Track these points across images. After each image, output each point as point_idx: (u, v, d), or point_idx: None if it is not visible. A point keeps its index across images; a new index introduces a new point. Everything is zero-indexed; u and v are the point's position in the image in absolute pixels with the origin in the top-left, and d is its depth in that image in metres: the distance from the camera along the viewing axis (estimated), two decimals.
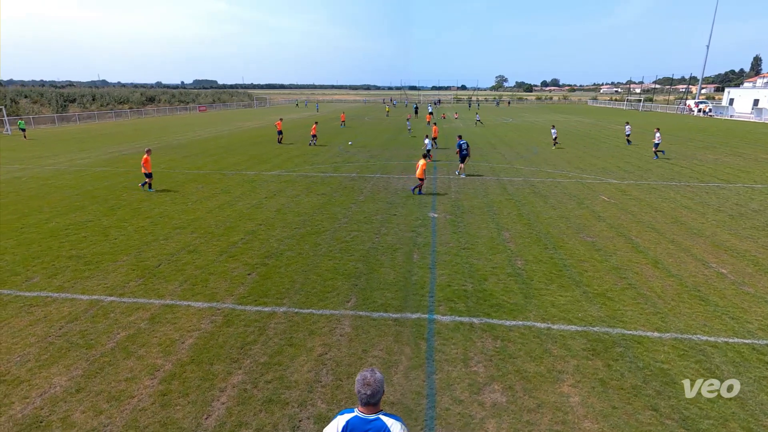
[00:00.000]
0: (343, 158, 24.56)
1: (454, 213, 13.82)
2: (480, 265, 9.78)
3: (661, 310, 7.91)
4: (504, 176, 19.66)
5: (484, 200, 15.42)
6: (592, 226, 12.61)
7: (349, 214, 13.67)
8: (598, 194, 16.27)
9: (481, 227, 12.42)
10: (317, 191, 16.62)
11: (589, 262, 10.00)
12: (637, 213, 13.88)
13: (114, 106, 66.30)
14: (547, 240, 11.42)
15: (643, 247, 10.95)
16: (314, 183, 18.08)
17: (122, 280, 9.07)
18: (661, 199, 15.53)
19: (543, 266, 9.73)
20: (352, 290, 8.56)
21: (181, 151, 27.43)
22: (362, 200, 15.33)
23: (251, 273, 9.36)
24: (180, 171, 20.86)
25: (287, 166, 22.14)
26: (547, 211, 14.14)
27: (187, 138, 35.23)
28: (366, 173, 20.20)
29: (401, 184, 17.82)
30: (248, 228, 12.32)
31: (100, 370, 6.33)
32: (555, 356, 6.61)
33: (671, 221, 13.04)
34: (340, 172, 20.37)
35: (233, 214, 13.71)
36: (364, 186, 17.55)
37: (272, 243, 11.14)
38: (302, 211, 13.91)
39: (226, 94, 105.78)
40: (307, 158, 24.51)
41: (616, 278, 9.15)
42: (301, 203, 14.92)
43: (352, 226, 12.41)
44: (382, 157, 24.90)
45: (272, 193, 16.33)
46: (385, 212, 13.82)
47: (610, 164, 22.71)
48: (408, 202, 15.11)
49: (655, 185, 17.78)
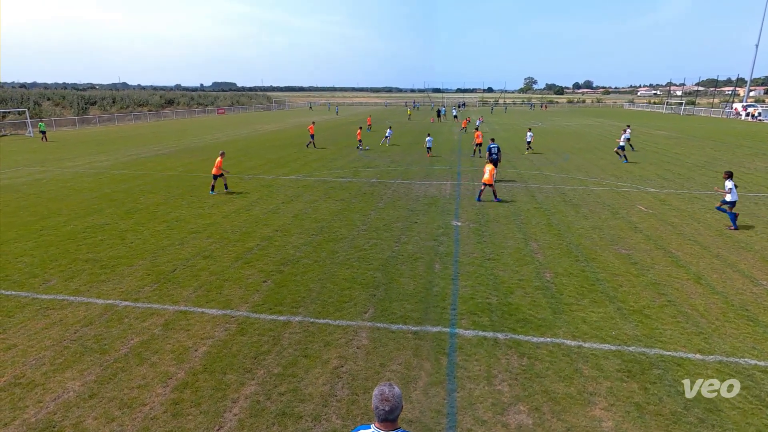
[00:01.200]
0: (363, 163, 24.69)
1: (478, 222, 13.70)
2: (506, 277, 9.65)
3: (704, 330, 7.61)
4: (532, 183, 19.39)
5: (511, 208, 15.23)
6: (627, 237, 12.28)
7: (368, 221, 13.70)
8: (635, 204, 15.86)
9: (508, 237, 12.26)
10: (335, 197, 16.74)
11: (624, 276, 9.74)
12: (677, 224, 13.46)
13: (133, 108, 68.68)
14: (578, 252, 11.18)
15: (685, 261, 10.59)
16: (332, 188, 18.22)
17: (137, 285, 9.31)
18: (704, 210, 15.02)
19: (574, 280, 9.53)
20: (370, 301, 8.55)
21: (199, 154, 28.12)
22: (382, 207, 15.35)
23: (266, 280, 9.46)
24: (197, 174, 21.37)
25: (305, 170, 22.41)
26: (578, 220, 13.86)
27: (205, 141, 36.11)
28: (386, 179, 20.25)
29: (423, 191, 17.79)
30: (264, 234, 12.48)
31: (113, 376, 6.49)
32: (586, 377, 6.44)
33: (715, 234, 12.58)
34: (360, 178, 20.47)
35: (249, 219, 13.93)
36: (384, 192, 17.59)
37: (288, 250, 11.25)
38: (320, 218, 14.02)
39: (244, 97, 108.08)
40: (326, 162, 24.75)
41: (654, 294, 8.87)
42: (319, 209, 15.05)
43: (371, 234, 12.43)
44: (403, 162, 24.93)
45: (289, 198, 16.53)
46: (405, 220, 13.81)
47: (647, 172, 22.13)
48: (430, 209, 15.07)
49: (698, 195, 17.21)
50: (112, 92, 78.47)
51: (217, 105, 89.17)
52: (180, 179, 20.23)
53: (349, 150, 30.15)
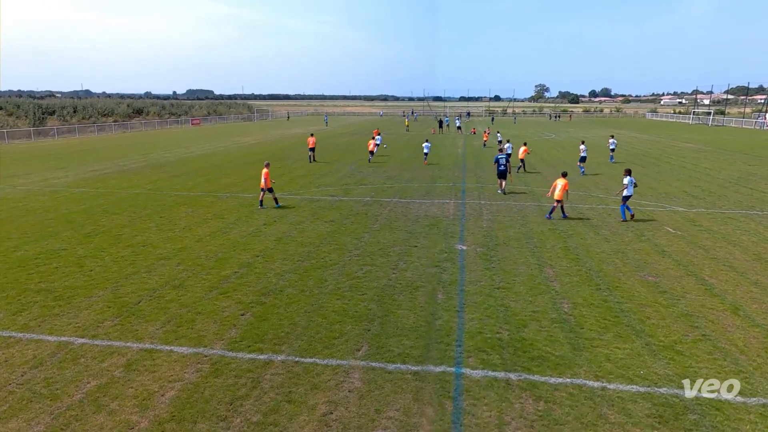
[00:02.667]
0: (355, 179, 24.82)
1: (486, 245, 13.71)
2: (518, 308, 9.61)
3: (744, 369, 7.57)
4: (546, 202, 19.52)
5: (523, 230, 15.29)
6: (654, 263, 12.31)
7: (361, 245, 13.70)
8: (662, 224, 15.96)
9: (519, 263, 12.26)
10: (324, 218, 16.76)
11: (652, 306, 9.72)
12: (710, 248, 13.53)
13: (97, 118, 69.07)
14: (599, 279, 11.18)
15: (720, 289, 10.61)
16: (321, 208, 18.26)
17: (96, 319, 9.18)
18: (740, 231, 15.14)
19: (595, 311, 9.49)
20: (364, 336, 8.49)
21: (170, 170, 28.18)
22: (377, 229, 15.37)
23: (245, 313, 9.38)
24: (167, 192, 21.36)
25: (290, 188, 22.47)
26: (599, 243, 13.91)
27: (177, 155, 36.26)
28: (382, 197, 20.33)
29: (423, 210, 17.85)
30: (243, 260, 12.44)
31: (65, 426, 6.33)
32: (612, 423, 6.35)
33: (753, 258, 12.64)
34: (352, 196, 20.54)
35: (226, 243, 13.89)
36: (380, 212, 17.63)
37: (271, 278, 11.19)
38: (306, 241, 14.01)
39: (223, 106, 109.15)
40: (313, 179, 24.86)
41: (687, 327, 8.84)
42: (306, 231, 15.04)
43: (364, 260, 12.41)
44: (400, 179, 25.09)
45: (272, 220, 16.53)
46: (403, 243, 13.81)
47: (674, 188, 22.37)
48: (431, 231, 15.09)
49: (732, 214, 17.38)
50: (74, 101, 79.05)
51: (192, 115, 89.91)
52: (148, 198, 20.21)
53: (340, 165, 30.34)
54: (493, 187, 22.50)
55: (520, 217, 16.90)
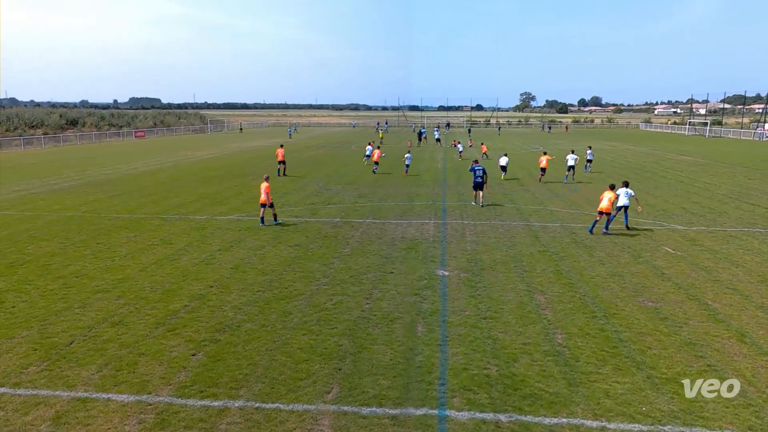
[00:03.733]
0: (323, 198, 24.79)
1: (470, 270, 13.81)
2: (507, 340, 9.66)
3: (754, 402, 7.75)
4: (535, 221, 19.85)
5: (510, 252, 15.47)
6: (654, 286, 12.61)
7: (330, 272, 13.63)
8: (660, 244, 16.41)
9: (507, 289, 12.37)
10: (288, 241, 16.65)
11: (652, 335, 9.91)
12: (712, 269, 13.95)
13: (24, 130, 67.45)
14: (595, 306, 11.36)
15: (724, 314, 10.91)
16: (284, 230, 18.12)
17: (19, 365, 8.83)
18: (742, 251, 15.67)
19: (591, 342, 9.62)
20: (334, 376, 8.39)
21: (109, 189, 27.63)
22: (348, 253, 15.34)
23: (197, 353, 9.19)
24: (106, 215, 20.91)
25: (249, 208, 22.27)
26: (593, 266, 14.18)
27: (118, 172, 35.62)
28: (353, 217, 20.34)
29: (400, 232, 17.91)
30: (195, 291, 12.23)
31: None
32: None
33: (758, 280, 13.08)
34: (319, 217, 20.48)
35: (175, 272, 13.63)
36: (351, 234, 17.62)
37: (226, 311, 11.01)
38: (268, 269, 13.87)
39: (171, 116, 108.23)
40: (276, 198, 24.71)
41: (691, 357, 9.04)
42: (267, 258, 14.90)
43: (334, 289, 12.34)
44: (374, 197, 25.18)
45: (228, 245, 16.33)
46: (378, 269, 13.80)
47: (672, 205, 23.08)
48: (409, 255, 15.13)
49: (734, 232, 18.01)
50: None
51: (136, 126, 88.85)
52: (83, 222, 19.72)
53: (306, 182, 30.30)
54: (477, 205, 22.78)
55: (507, 238, 17.12)
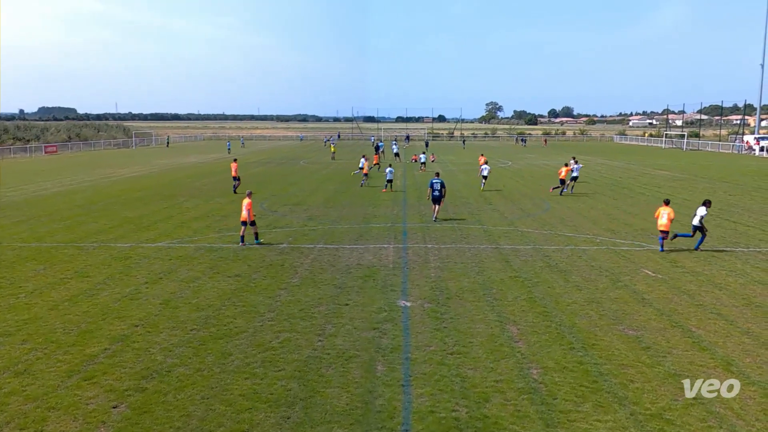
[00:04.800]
0: (267, 221, 24.54)
1: (435, 300, 13.87)
2: (477, 378, 9.69)
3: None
4: (505, 243, 20.19)
5: (479, 279, 15.64)
6: (634, 313, 12.97)
7: (276, 305, 13.46)
8: (640, 267, 16.95)
9: (477, 320, 12.47)
10: (227, 271, 16.37)
11: (634, 367, 10.15)
12: (694, 293, 14.47)
13: None
14: (572, 336, 11.57)
15: (708, 342, 11.30)
16: (223, 259, 17.83)
17: None
18: (725, 272, 16.36)
19: (570, 376, 9.76)
20: (282, 427, 8.24)
21: (13, 214, 26.55)
22: (297, 284, 15.19)
23: (118, 405, 8.88)
24: (8, 244, 20.05)
25: (181, 233, 21.81)
26: (569, 292, 14.48)
27: (25, 193, 34.32)
28: (302, 243, 20.19)
29: (355, 258, 17.87)
30: (116, 332, 11.85)
31: None
32: None
33: (742, 303, 13.65)
34: (264, 242, 20.25)
35: (93, 310, 13.19)
36: (300, 262, 17.47)
37: (155, 355, 10.69)
38: (204, 303, 13.59)
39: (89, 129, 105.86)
40: (213, 221, 24.32)
41: (676, 390, 9.29)
42: (203, 291, 14.60)
43: (281, 325, 12.19)
44: (325, 219, 25.10)
45: (156, 277, 15.91)
46: (331, 301, 13.71)
47: (651, 223, 23.88)
48: (366, 284, 15.09)
49: (716, 252, 18.79)
50: None
51: (46, 140, 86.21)
52: None
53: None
54: (441, 227, 23.03)
55: (475, 263, 17.32)
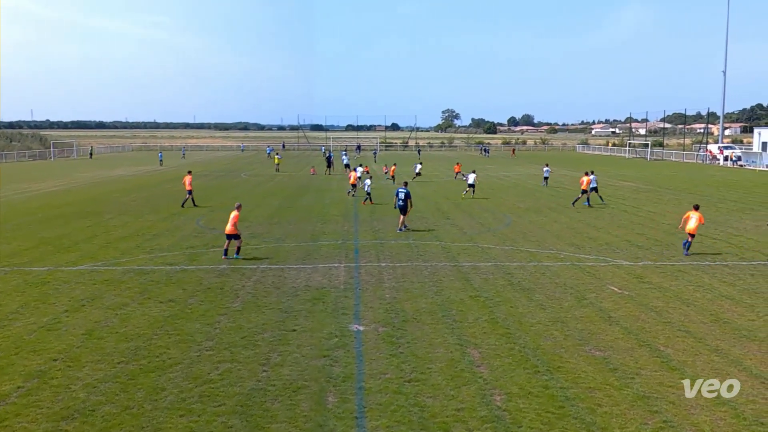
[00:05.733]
0: (204, 240, 24.14)
1: (390, 323, 13.88)
2: (437, 407, 9.72)
3: None
4: (464, 260, 20.41)
5: (437, 299, 15.74)
6: (601, 332, 13.28)
7: (215, 333, 13.26)
8: (605, 283, 17.40)
9: (435, 344, 12.53)
10: (160, 296, 16.02)
11: (602, 389, 10.38)
12: (662, 309, 14.95)
13: None
14: (537, 359, 11.75)
15: (677, 361, 11.67)
16: (155, 283, 17.44)
17: None
18: (692, 287, 16.97)
19: (534, 402, 9.89)
20: None
21: None
22: (238, 309, 14.98)
23: None
24: None
25: (107, 255, 21.22)
26: (533, 312, 14.72)
27: None
28: (244, 263, 19.96)
29: (303, 279, 17.74)
30: (32, 367, 11.43)
31: None
32: None
33: (711, 320, 14.17)
34: (200, 263, 19.92)
35: (4, 343, 12.73)
36: (242, 285, 17.25)
37: (76, 392, 10.35)
38: (133, 333, 13.27)
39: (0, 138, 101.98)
40: (143, 241, 23.77)
41: (645, 413, 9.53)
42: (132, 318, 14.25)
43: (221, 354, 12.00)
44: (270, 237, 24.88)
45: (78, 304, 15.43)
46: (277, 327, 13.58)
47: (616, 238, 24.66)
48: (315, 308, 14.99)
49: (682, 267, 19.49)
50: None
51: None
52: None
53: (182, 220, 29.39)
54: (396, 244, 23.15)
55: (433, 282, 17.44)
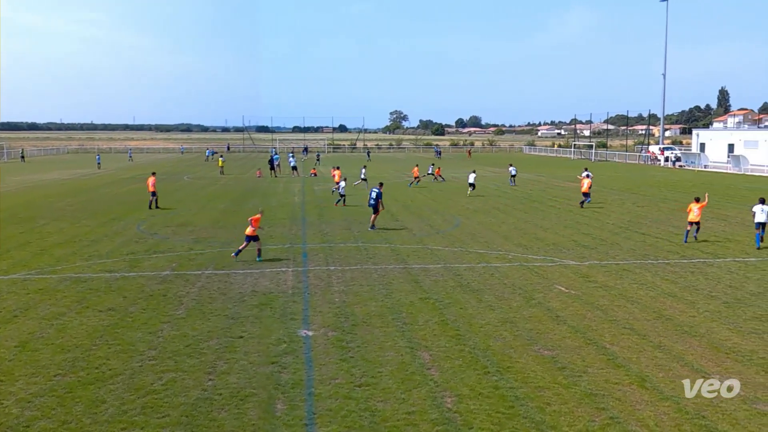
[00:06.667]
0: (146, 245, 23.60)
1: (340, 327, 13.86)
2: (388, 411, 9.75)
3: None
4: (414, 262, 20.54)
5: (387, 302, 15.81)
6: (549, 332, 13.58)
7: (158, 342, 13.02)
8: (553, 283, 17.81)
9: (386, 347, 12.57)
10: (99, 305, 15.62)
11: (550, 388, 10.61)
12: (607, 308, 15.40)
13: None
14: (486, 360, 11.93)
15: (623, 358, 12.04)
16: (93, 291, 16.98)
17: None
18: (637, 286, 17.54)
19: (485, 403, 10.03)
20: None
21: None
22: (182, 316, 14.73)
23: None
24: None
25: (42, 262, 20.52)
26: (483, 313, 14.94)
27: None
28: (187, 269, 19.61)
29: (250, 284, 17.54)
30: None
31: None
32: None
33: (654, 317, 14.68)
34: (142, 270, 19.49)
35: None
36: (186, 291, 16.96)
37: (9, 408, 10.00)
38: (70, 344, 12.90)
39: None
40: (80, 248, 23.06)
41: (593, 410, 9.79)
42: (69, 329, 13.85)
43: (164, 364, 11.78)
44: (214, 242, 24.51)
45: (10, 315, 14.91)
46: (223, 334, 13.41)
47: (562, 237, 25.27)
48: (263, 313, 14.85)
49: (626, 265, 20.12)
50: None
51: None
52: None
53: (121, 224, 28.63)
54: (345, 247, 23.14)
55: (383, 285, 17.49)
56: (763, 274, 18.87)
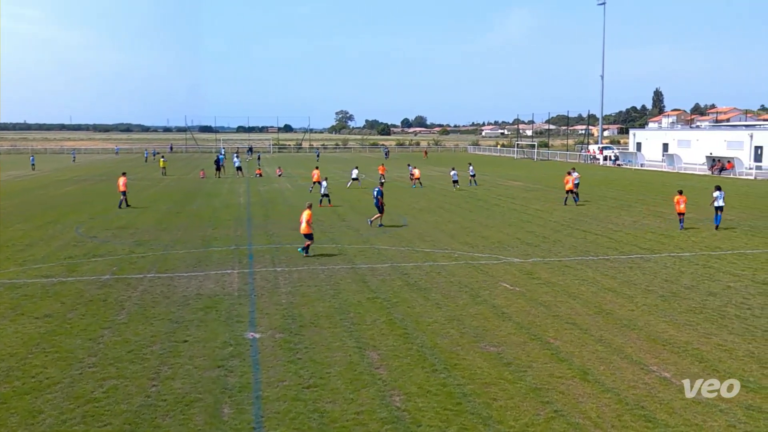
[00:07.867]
0: (85, 249, 22.92)
1: (287, 329, 13.79)
2: (337, 411, 9.77)
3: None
4: (361, 262, 20.58)
5: (335, 303, 15.80)
6: (494, 329, 13.83)
7: (98, 348, 12.71)
8: (498, 280, 18.13)
9: (334, 348, 12.58)
10: (34, 311, 15.12)
11: (497, 384, 10.82)
12: (551, 304, 15.78)
13: None
14: (434, 357, 12.06)
15: (566, 352, 12.37)
16: (28, 297, 16.42)
17: None
18: (578, 282, 18.04)
19: (433, 400, 10.16)
20: None
21: None
22: (123, 321, 14.41)
23: None
24: None
25: None
26: (429, 311, 15.10)
27: None
28: (129, 273, 19.16)
29: (194, 288, 17.25)
30: None
31: None
32: None
33: (595, 311, 15.13)
34: (80, 274, 18.94)
35: None
36: (127, 295, 16.58)
37: None
38: (4, 352, 12.51)
39: None
40: (14, 252, 22.22)
41: (537, 404, 10.04)
42: (2, 337, 13.44)
43: (105, 371, 11.51)
44: (157, 244, 23.99)
45: None
46: (167, 339, 13.20)
47: (507, 236, 25.75)
48: (208, 317, 14.64)
49: (568, 262, 20.67)
50: None
51: None
52: None
53: (58, 228, 27.69)
54: (291, 248, 22.96)
55: (330, 286, 17.47)
56: (696, 269, 19.68)
